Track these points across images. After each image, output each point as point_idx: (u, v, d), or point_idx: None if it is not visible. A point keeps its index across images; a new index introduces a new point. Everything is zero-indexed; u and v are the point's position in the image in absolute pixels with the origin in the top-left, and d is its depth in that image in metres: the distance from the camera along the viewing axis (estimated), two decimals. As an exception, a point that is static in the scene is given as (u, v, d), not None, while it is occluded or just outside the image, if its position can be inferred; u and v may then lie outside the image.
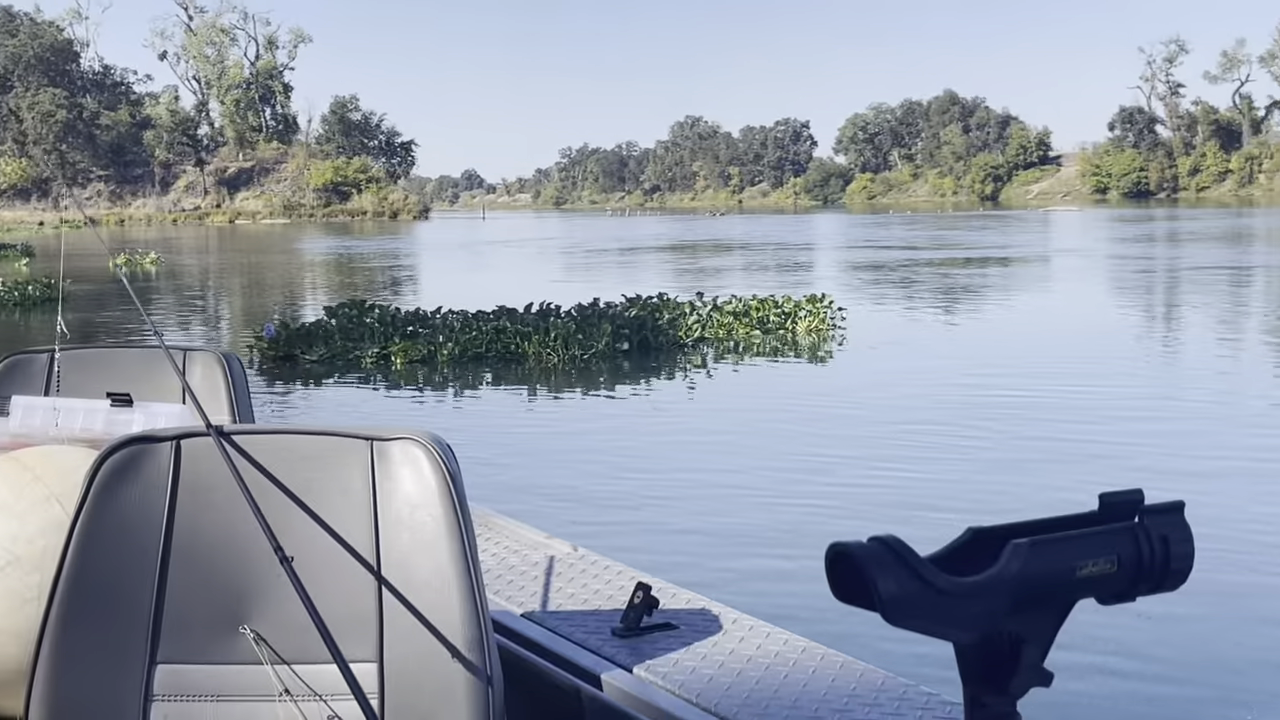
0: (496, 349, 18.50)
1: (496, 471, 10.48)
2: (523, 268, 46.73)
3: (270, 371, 18.22)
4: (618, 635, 3.16)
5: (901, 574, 1.12)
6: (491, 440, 12.39)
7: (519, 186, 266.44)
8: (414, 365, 18.03)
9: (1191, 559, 1.22)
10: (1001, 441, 11.76)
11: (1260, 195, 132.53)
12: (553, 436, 13.19)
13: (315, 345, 18.94)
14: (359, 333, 19.35)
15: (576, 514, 9.11)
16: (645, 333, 19.21)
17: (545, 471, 11.05)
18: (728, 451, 11.79)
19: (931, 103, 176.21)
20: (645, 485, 10.31)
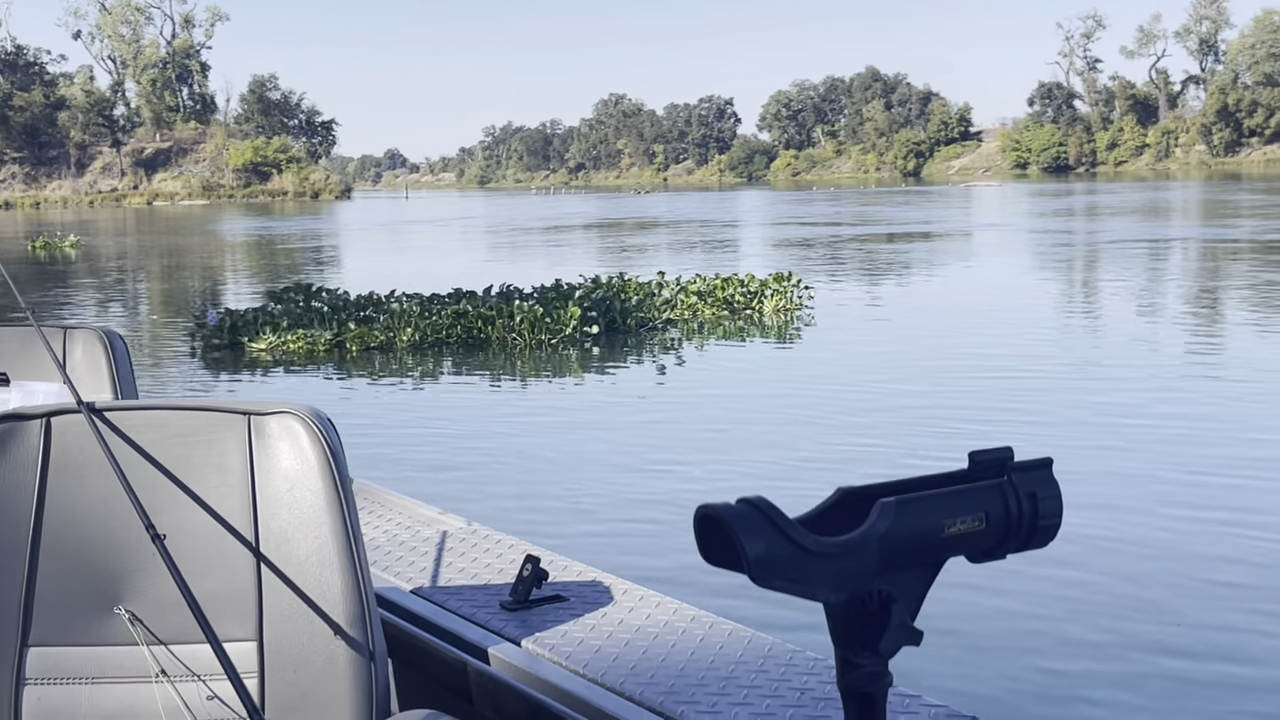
0: (457, 334, 17.69)
1: (460, 470, 10.20)
2: (450, 248, 46.46)
3: (215, 361, 17.34)
4: (506, 609, 3.14)
5: (769, 535, 1.12)
6: (455, 433, 11.92)
7: (443, 166, 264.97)
8: (370, 352, 17.29)
9: (1060, 515, 1.22)
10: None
11: (1176, 169, 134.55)
12: (522, 428, 12.35)
13: (262, 332, 17.93)
14: (308, 318, 18.37)
15: (548, 519, 8.96)
16: (613, 314, 18.51)
17: (510, 471, 10.30)
18: (710, 449, 10.77)
19: (854, 79, 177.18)
20: (628, 487, 9.51)
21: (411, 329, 17.58)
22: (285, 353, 17.39)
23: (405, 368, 16.44)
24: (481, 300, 18.88)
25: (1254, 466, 9.49)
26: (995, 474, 1.22)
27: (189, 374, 16.61)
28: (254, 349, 17.61)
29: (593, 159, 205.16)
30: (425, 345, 17.44)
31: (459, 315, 17.98)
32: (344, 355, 17.15)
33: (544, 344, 17.42)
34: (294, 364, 16.78)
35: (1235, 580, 7.00)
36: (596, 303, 18.59)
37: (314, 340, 17.50)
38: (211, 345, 18.01)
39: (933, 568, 1.21)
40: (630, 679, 2.71)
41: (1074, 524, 7.88)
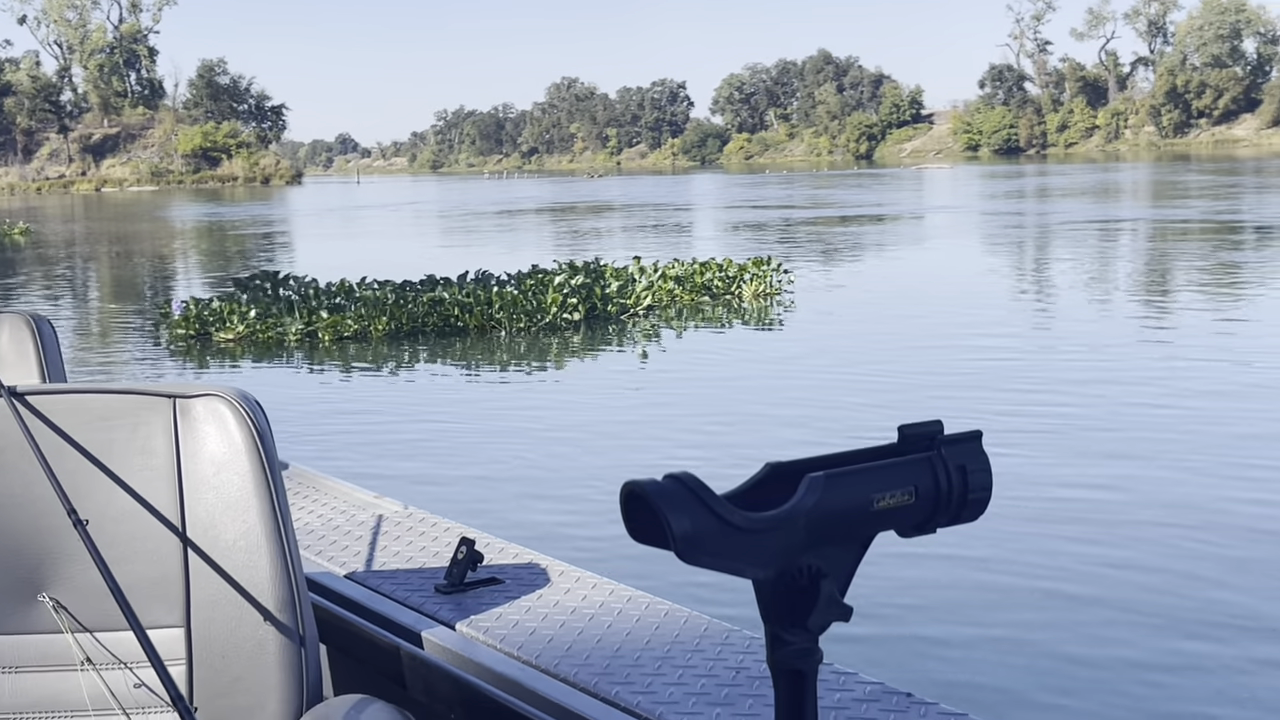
0: (433, 323, 17.14)
1: (423, 459, 10.00)
2: (405, 233, 46.27)
3: (181, 352, 16.74)
4: (441, 592, 3.11)
5: (695, 511, 1.10)
6: (430, 424, 11.52)
7: (394, 150, 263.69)
8: (344, 342, 16.76)
9: (989, 489, 1.21)
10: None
11: (1126, 150, 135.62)
12: (498, 416, 11.90)
13: (229, 322, 17.37)
14: (277, 308, 17.74)
15: (502, 506, 8.92)
16: (593, 301, 18.01)
17: (473, 459, 10.03)
18: (714, 445, 10.20)
19: (806, 62, 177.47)
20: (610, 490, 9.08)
21: (386, 318, 17.10)
22: (255, 343, 16.91)
23: (380, 357, 15.95)
24: (458, 287, 18.42)
25: (1191, 438, 9.57)
26: (925, 447, 1.21)
27: (156, 365, 16.14)
28: (222, 339, 17.15)
29: (545, 143, 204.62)
30: (401, 334, 16.96)
31: (435, 303, 17.44)
32: (316, 345, 16.63)
33: (523, 331, 16.96)
34: (264, 354, 16.34)
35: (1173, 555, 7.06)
36: (576, 289, 18.10)
37: (285, 330, 16.99)
38: (178, 335, 17.51)
39: (862, 543, 1.20)
40: (565, 660, 2.69)
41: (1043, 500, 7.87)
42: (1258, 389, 11.71)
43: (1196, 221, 35.08)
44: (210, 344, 17.00)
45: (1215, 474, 8.81)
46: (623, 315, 18.19)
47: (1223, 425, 10.25)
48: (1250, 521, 7.71)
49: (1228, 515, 7.91)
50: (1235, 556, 7.09)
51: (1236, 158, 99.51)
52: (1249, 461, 9.09)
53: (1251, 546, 7.27)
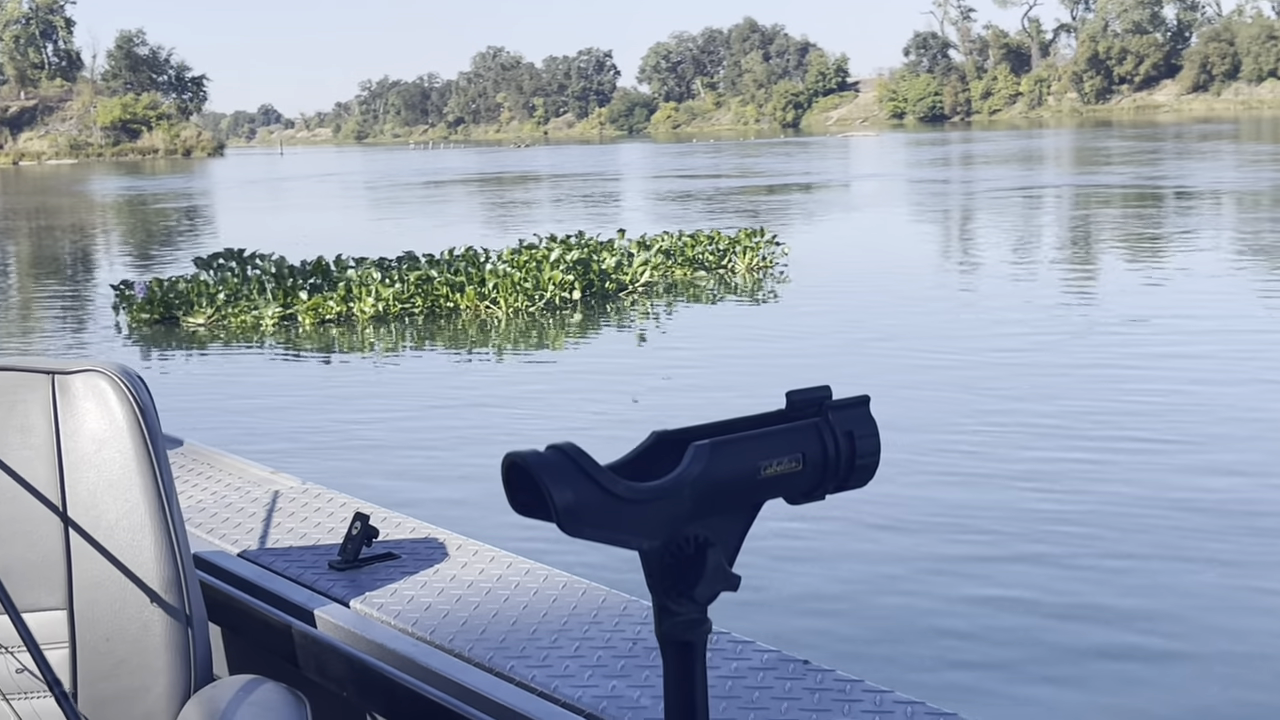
0: (421, 303, 15.95)
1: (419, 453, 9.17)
2: (331, 205, 45.77)
3: (147, 338, 15.48)
4: (335, 568, 3.06)
5: (578, 482, 1.09)
6: (433, 416, 10.47)
7: (319, 121, 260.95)
8: (326, 325, 15.55)
9: (877, 454, 1.21)
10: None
11: (1049, 117, 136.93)
12: (506, 402, 10.90)
13: (198, 305, 16.04)
14: (248, 289, 16.46)
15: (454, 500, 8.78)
16: (590, 277, 16.85)
17: (459, 454, 9.07)
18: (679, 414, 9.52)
19: (732, 31, 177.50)
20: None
21: (373, 299, 15.80)
22: (226, 328, 15.66)
23: (367, 342, 14.81)
24: (446, 265, 17.26)
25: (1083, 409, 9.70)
26: (812, 413, 1.20)
27: (118, 354, 14.63)
28: (190, 324, 15.84)
29: (472, 113, 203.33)
30: (388, 317, 15.73)
31: (423, 281, 16.22)
32: (295, 330, 15.41)
33: (520, 312, 15.89)
34: (238, 340, 15.12)
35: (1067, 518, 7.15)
36: (571, 265, 16.96)
37: (260, 314, 15.72)
38: (141, 320, 16.17)
39: (750, 510, 1.20)
40: (460, 635, 2.67)
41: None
42: (1154, 357, 11.87)
43: (1119, 188, 35.49)
44: (178, 329, 15.80)
45: (1101, 435, 8.94)
46: (620, 293, 17.23)
47: (1119, 384, 10.39)
48: (1143, 474, 7.83)
49: (1118, 473, 8.03)
50: (1124, 513, 7.19)
51: (1157, 123, 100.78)
52: (1140, 426, 9.22)
53: (1148, 502, 7.37)
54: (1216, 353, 11.83)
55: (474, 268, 16.82)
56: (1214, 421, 9.29)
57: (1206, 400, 9.99)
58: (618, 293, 17.18)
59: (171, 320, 16.07)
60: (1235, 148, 56.09)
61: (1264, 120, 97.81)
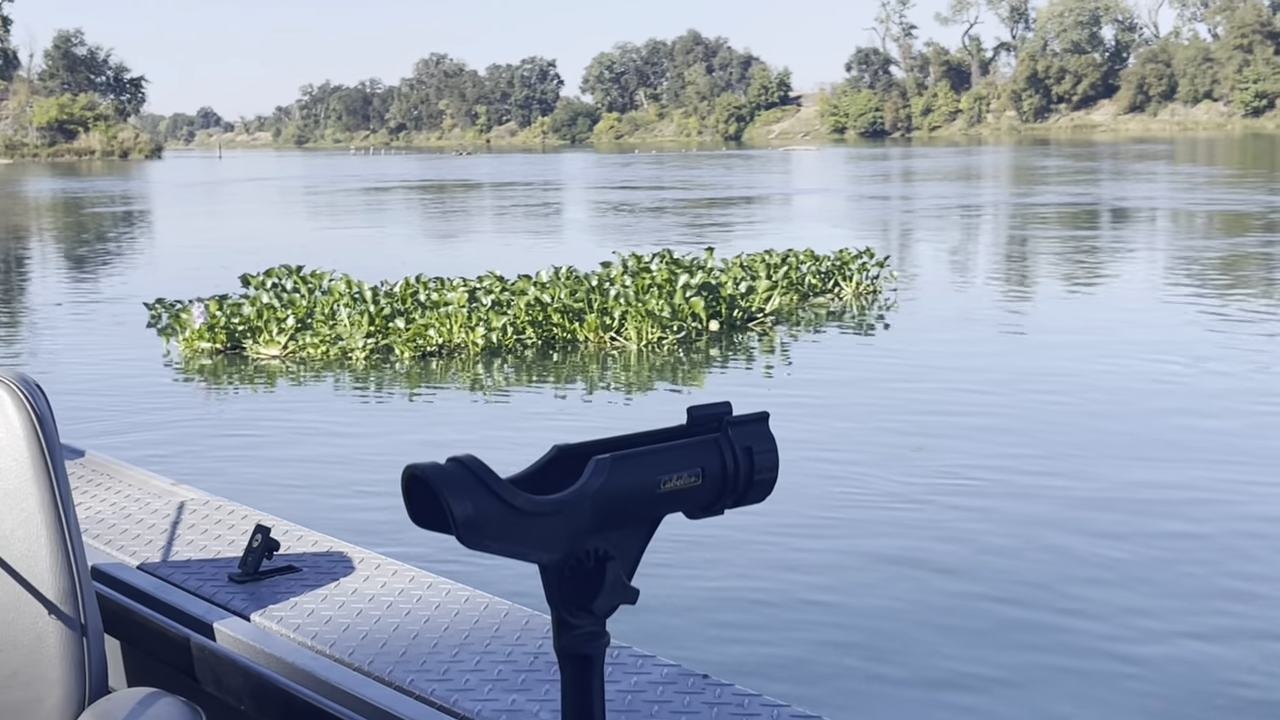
0: (536, 334, 13.82)
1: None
2: (273, 210, 45.43)
3: (211, 371, 13.17)
4: (235, 581, 3.04)
5: (478, 494, 1.09)
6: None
7: (258, 125, 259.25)
8: (428, 359, 13.28)
9: (776, 469, 1.22)
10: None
11: (988, 134, 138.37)
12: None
13: (268, 333, 13.76)
14: (320, 313, 14.26)
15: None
16: (718, 306, 14.79)
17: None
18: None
19: (676, 42, 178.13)
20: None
21: (484, 328, 13.58)
22: (307, 361, 13.36)
23: (488, 380, 12.65)
24: (555, 287, 14.87)
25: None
26: (712, 429, 1.21)
27: (192, 398, 12.22)
28: (261, 355, 13.58)
29: (414, 119, 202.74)
30: (501, 349, 13.56)
31: (534, 307, 14.05)
32: (391, 364, 13.14)
33: (652, 346, 13.73)
34: (327, 376, 12.77)
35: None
36: (698, 290, 14.93)
37: (348, 344, 13.43)
38: (198, 349, 13.85)
39: (650, 525, 1.20)
40: (360, 649, 2.65)
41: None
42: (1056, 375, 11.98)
43: (1054, 206, 35.88)
44: (245, 361, 13.53)
45: (1010, 450, 9.05)
46: (749, 323, 15.21)
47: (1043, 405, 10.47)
48: (1045, 490, 7.90)
49: (1021, 485, 8.15)
50: (1033, 524, 7.24)
51: (1094, 142, 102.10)
52: (1061, 439, 9.29)
53: (1061, 518, 7.45)
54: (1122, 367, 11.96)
55: (596, 293, 14.60)
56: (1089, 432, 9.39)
57: (1079, 417, 10.08)
58: (746, 322, 15.18)
59: (236, 349, 13.81)
60: (1171, 168, 56.87)
61: (1199, 141, 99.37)
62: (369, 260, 18.60)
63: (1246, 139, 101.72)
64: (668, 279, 15.24)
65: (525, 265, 17.46)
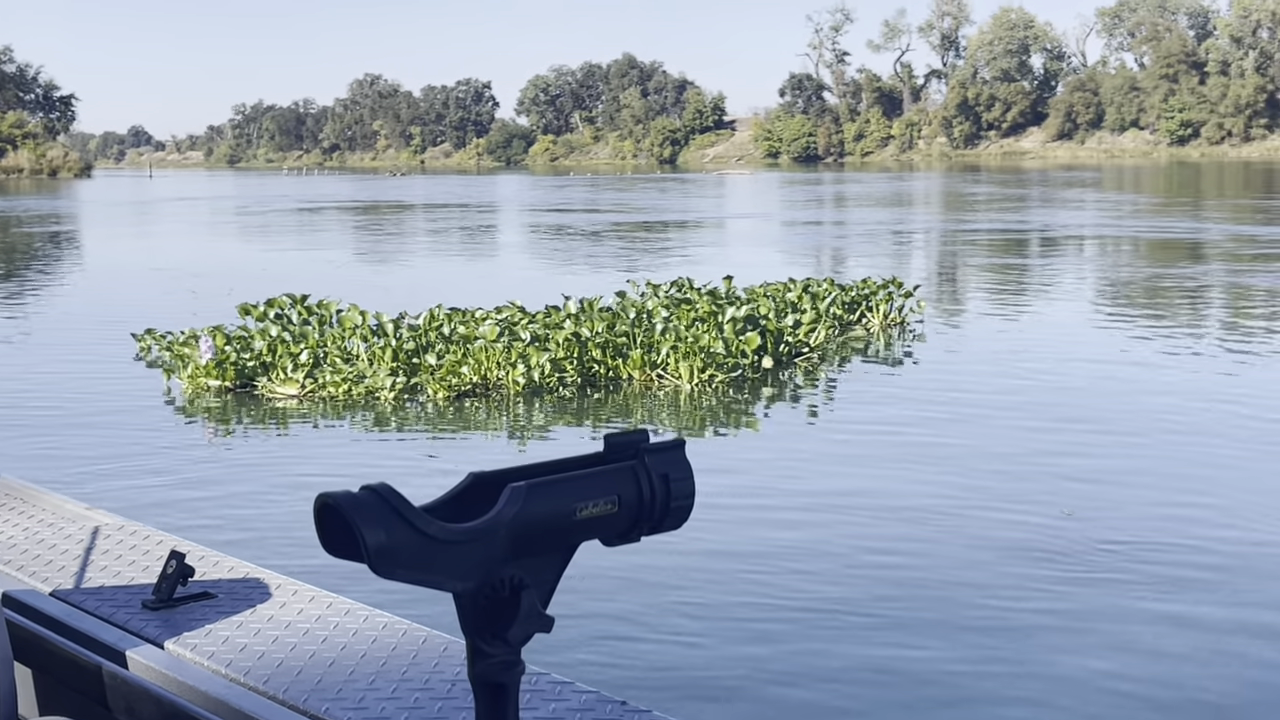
0: (575, 371, 12.58)
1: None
2: (216, 232, 44.98)
3: (219, 415, 11.81)
4: (149, 608, 3.03)
5: (391, 522, 1.08)
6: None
7: (190, 144, 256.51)
8: (462, 399, 12.02)
9: (692, 497, 1.22)
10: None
11: (920, 160, 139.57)
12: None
13: (282, 370, 12.46)
14: (336, 349, 13.08)
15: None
16: (767, 339, 13.59)
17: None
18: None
19: (611, 66, 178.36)
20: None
21: (523, 366, 12.31)
22: (329, 400, 12.03)
23: (540, 425, 11.40)
24: (602, 320, 13.75)
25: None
26: (629, 456, 1.21)
27: (200, 444, 10.85)
28: (277, 394, 12.25)
29: (348, 140, 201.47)
30: (542, 388, 12.31)
31: (571, 342, 12.79)
32: (423, 405, 11.87)
33: (702, 385, 12.51)
34: (348, 415, 11.54)
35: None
36: (744, 322, 13.83)
37: (374, 382, 12.12)
38: (204, 387, 12.51)
39: (566, 552, 1.20)
40: (275, 676, 2.64)
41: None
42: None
43: (985, 230, 36.30)
44: (259, 400, 12.21)
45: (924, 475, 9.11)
46: (795, 358, 14.00)
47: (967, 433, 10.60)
48: (950, 510, 7.99)
49: (929, 507, 8.18)
50: (935, 545, 7.33)
51: (1023, 169, 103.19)
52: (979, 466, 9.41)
53: (971, 543, 7.50)
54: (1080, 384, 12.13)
55: (638, 328, 13.52)
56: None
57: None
58: (793, 357, 13.96)
59: (246, 387, 12.55)
60: (1099, 195, 57.66)
61: (1125, 168, 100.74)
62: (336, 285, 17.98)
63: (1172, 166, 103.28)
64: (710, 311, 14.20)
65: (476, 291, 17.02)
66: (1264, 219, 39.44)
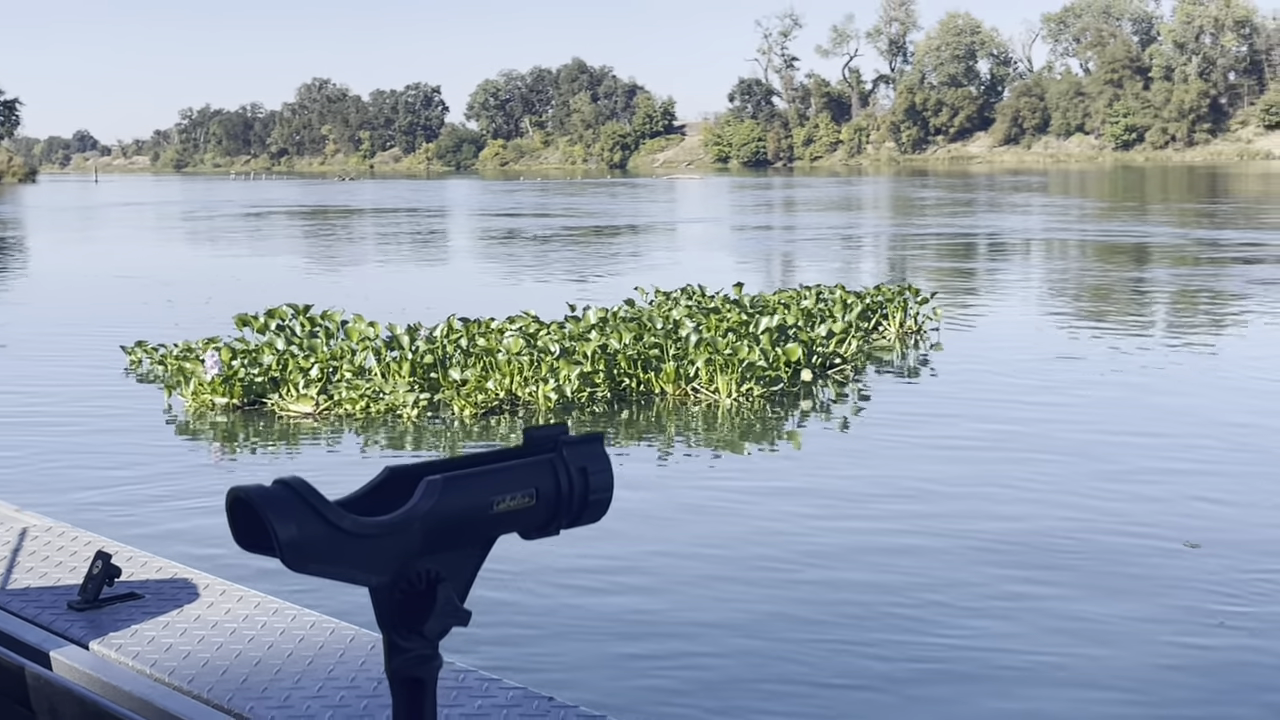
0: (606, 385, 11.94)
1: None
2: (160, 236, 44.61)
3: (226, 432, 11.19)
4: (74, 609, 3.01)
5: (303, 516, 1.07)
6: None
7: (136, 149, 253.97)
8: (488, 416, 11.42)
9: (610, 489, 1.22)
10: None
11: (868, 164, 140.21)
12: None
13: (294, 385, 11.70)
14: (346, 362, 12.32)
15: None
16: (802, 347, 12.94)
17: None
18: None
19: (561, 70, 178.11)
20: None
21: (554, 381, 11.64)
22: (348, 417, 11.36)
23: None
24: (629, 331, 12.98)
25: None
26: (547, 449, 1.21)
27: (208, 466, 10.12)
28: (289, 411, 11.53)
29: (296, 144, 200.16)
30: (573, 404, 11.68)
31: (598, 355, 12.10)
32: (448, 422, 11.31)
33: (740, 399, 11.89)
34: (370, 434, 10.94)
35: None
36: (782, 333, 13.31)
37: (395, 399, 11.40)
38: (210, 404, 11.77)
39: (483, 546, 1.20)
40: (200, 676, 2.64)
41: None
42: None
43: (933, 233, 36.56)
44: (269, 418, 11.52)
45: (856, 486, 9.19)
46: (828, 369, 13.38)
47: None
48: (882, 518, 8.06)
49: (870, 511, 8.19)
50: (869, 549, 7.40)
51: (970, 174, 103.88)
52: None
53: (893, 550, 7.61)
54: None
55: (671, 340, 12.78)
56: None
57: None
58: (825, 369, 13.32)
59: (255, 404, 11.85)
60: (1045, 200, 58.15)
61: (1071, 173, 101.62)
62: (313, 292, 17.40)
63: (1117, 171, 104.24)
64: (741, 321, 13.59)
65: (452, 298, 16.69)
66: (1211, 223, 39.92)
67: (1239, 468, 9.58)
